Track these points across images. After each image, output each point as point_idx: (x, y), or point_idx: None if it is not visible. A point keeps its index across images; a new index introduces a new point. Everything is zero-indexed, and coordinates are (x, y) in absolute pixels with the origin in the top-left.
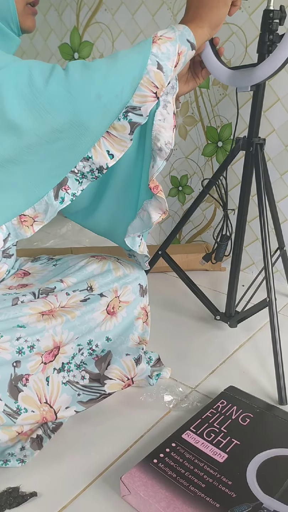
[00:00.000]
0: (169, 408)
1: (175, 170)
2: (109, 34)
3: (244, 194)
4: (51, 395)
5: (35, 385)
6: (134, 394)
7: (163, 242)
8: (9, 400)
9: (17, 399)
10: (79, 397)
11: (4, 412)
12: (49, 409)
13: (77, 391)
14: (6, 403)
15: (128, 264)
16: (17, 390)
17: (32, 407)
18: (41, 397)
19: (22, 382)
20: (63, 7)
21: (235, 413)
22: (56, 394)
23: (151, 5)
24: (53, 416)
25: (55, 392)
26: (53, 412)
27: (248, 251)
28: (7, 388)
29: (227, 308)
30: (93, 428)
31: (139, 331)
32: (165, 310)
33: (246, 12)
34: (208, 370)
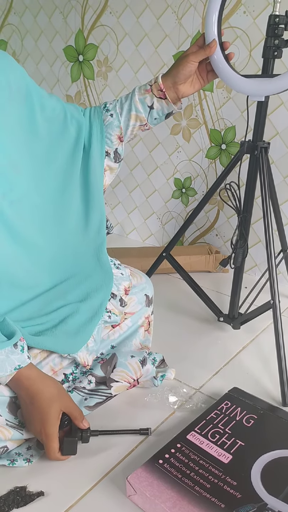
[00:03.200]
0: (173, 409)
1: (178, 172)
2: (114, 37)
3: (248, 197)
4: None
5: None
6: (139, 394)
7: (167, 244)
8: (9, 416)
9: (16, 415)
10: (85, 401)
11: (7, 425)
12: None
13: (84, 396)
14: (7, 419)
15: (136, 274)
16: (16, 406)
17: None
18: None
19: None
20: (68, 10)
21: (239, 414)
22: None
23: (156, 8)
24: None
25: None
26: None
27: (251, 253)
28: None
29: (231, 310)
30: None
31: (141, 338)
32: (169, 311)
33: (251, 16)
34: (211, 372)
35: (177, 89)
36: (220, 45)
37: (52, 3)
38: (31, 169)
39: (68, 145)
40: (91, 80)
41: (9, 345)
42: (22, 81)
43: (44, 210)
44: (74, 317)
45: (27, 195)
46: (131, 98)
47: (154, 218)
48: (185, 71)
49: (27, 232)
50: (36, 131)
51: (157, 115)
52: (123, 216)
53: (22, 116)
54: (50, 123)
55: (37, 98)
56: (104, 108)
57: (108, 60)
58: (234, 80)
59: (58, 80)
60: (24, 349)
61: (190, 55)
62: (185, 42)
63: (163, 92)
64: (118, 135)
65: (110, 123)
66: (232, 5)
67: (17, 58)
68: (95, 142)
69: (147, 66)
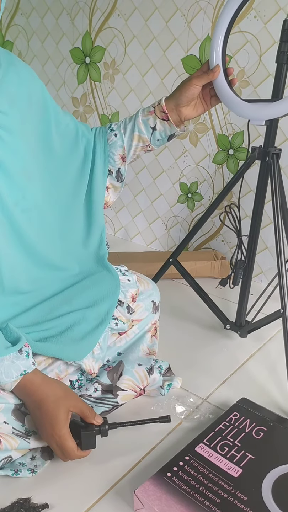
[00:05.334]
0: (180, 419)
1: (185, 177)
2: (122, 40)
3: (259, 203)
4: None
5: None
6: (145, 404)
7: (174, 250)
8: (15, 423)
9: (24, 422)
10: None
11: (14, 433)
12: None
13: (90, 404)
14: (13, 426)
15: (143, 280)
16: (22, 413)
17: None
18: None
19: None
20: (76, 12)
21: (248, 426)
22: None
23: (164, 11)
24: None
25: None
26: None
27: (257, 260)
28: (11, 413)
29: (238, 318)
30: (105, 438)
31: (148, 343)
32: (175, 318)
33: (262, 20)
34: (219, 381)
35: (180, 111)
36: (224, 71)
37: (60, 4)
38: (43, 181)
39: (78, 162)
40: (97, 82)
41: (14, 351)
42: (41, 95)
43: (51, 222)
44: (81, 324)
45: (37, 206)
46: (135, 119)
47: (159, 222)
48: (188, 94)
49: (35, 241)
50: (50, 145)
51: (160, 136)
52: (128, 220)
53: (38, 128)
54: (63, 139)
55: (54, 113)
56: (109, 128)
57: (115, 62)
58: (236, 105)
59: (64, 82)
60: (29, 355)
61: (194, 79)
62: (194, 46)
63: (166, 114)
64: (121, 154)
65: (114, 143)
66: (242, 10)
67: (23, 59)
68: (98, 160)
69: (155, 70)
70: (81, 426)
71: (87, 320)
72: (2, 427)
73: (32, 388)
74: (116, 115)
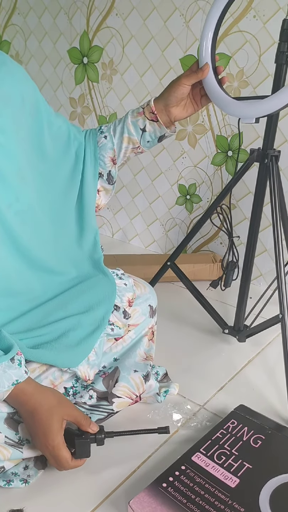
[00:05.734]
0: (177, 426)
1: (183, 179)
2: (120, 39)
3: (257, 205)
4: None
5: None
6: (141, 411)
7: (172, 253)
8: (9, 432)
9: (17, 430)
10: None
11: (6, 443)
12: None
13: (84, 412)
14: (7, 435)
15: (140, 284)
16: (15, 421)
17: None
18: None
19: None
20: (73, 11)
21: (246, 434)
22: None
23: (163, 11)
24: None
25: None
26: None
27: (256, 263)
28: (4, 421)
29: (236, 322)
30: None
31: (145, 347)
32: (172, 322)
33: (261, 20)
34: (216, 387)
35: (169, 112)
36: (214, 70)
37: (57, 3)
38: (36, 183)
39: (69, 165)
40: (95, 83)
41: (5, 360)
42: (34, 95)
43: (44, 225)
44: (76, 330)
45: (31, 208)
46: (124, 121)
47: (158, 224)
48: (177, 93)
49: (29, 244)
50: (43, 147)
51: (150, 137)
52: (126, 222)
53: (31, 129)
54: (55, 142)
55: (46, 115)
56: (99, 130)
57: (113, 63)
58: (226, 103)
59: (61, 82)
60: (22, 363)
61: (183, 78)
62: (192, 46)
63: (155, 115)
64: (111, 157)
65: (103, 145)
66: (241, 9)
67: (20, 59)
68: (88, 163)
69: (153, 70)
70: (76, 434)
71: (82, 325)
72: None
73: (25, 397)
74: (114, 116)
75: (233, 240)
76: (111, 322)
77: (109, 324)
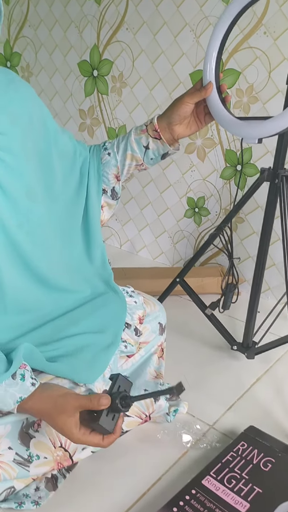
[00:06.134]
0: (186, 447)
1: (191, 192)
2: (130, 53)
3: (267, 223)
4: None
5: (47, 428)
6: (151, 430)
7: (181, 270)
8: (20, 448)
9: (29, 446)
10: None
11: (14, 461)
12: (64, 453)
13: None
14: (17, 452)
15: (149, 301)
16: (29, 436)
17: (45, 453)
18: (55, 441)
19: (33, 428)
20: (84, 25)
21: (256, 457)
22: None
23: (173, 26)
24: (68, 461)
25: None
26: (68, 456)
27: (265, 276)
28: (18, 436)
29: (245, 338)
30: (109, 467)
31: (155, 365)
32: (180, 337)
33: (271, 37)
34: (225, 405)
35: (172, 130)
36: (218, 88)
37: (68, 17)
38: (45, 202)
39: (75, 181)
40: (105, 95)
41: (6, 378)
42: (41, 113)
43: (53, 243)
44: (90, 346)
45: (41, 227)
46: (128, 138)
47: (166, 236)
48: (180, 112)
49: (40, 263)
50: (51, 165)
51: (153, 155)
52: (134, 233)
53: (39, 148)
54: (61, 158)
55: (53, 133)
56: (103, 147)
57: (123, 76)
58: (229, 123)
59: (71, 94)
60: (25, 377)
61: (186, 97)
62: (202, 61)
63: (158, 133)
64: (115, 174)
65: (107, 162)
66: (252, 26)
67: (31, 70)
68: (92, 180)
69: (163, 84)
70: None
71: (96, 342)
72: (4, 454)
73: (32, 411)
74: (123, 128)
75: (234, 261)
76: (123, 340)
77: (122, 341)
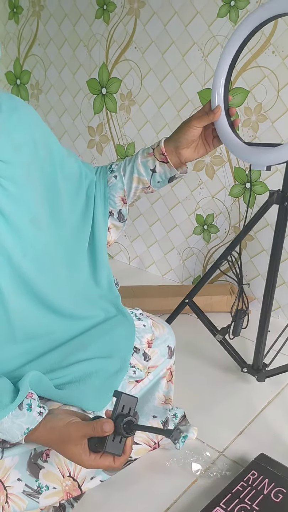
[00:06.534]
0: (196, 476)
1: (200, 209)
2: (138, 72)
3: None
4: (75, 467)
5: (56, 459)
6: (160, 457)
7: (190, 291)
8: (29, 479)
9: (38, 477)
10: None
11: (24, 492)
12: (73, 483)
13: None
14: (27, 483)
15: (158, 324)
16: (38, 467)
17: (54, 483)
18: (64, 470)
19: (42, 458)
20: (93, 43)
21: (266, 487)
22: None
23: (181, 45)
24: (77, 490)
25: None
26: (77, 486)
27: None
28: (27, 467)
29: (255, 360)
30: (117, 496)
31: (164, 389)
32: (189, 357)
33: (280, 56)
34: (235, 431)
35: (180, 153)
36: (226, 112)
37: (77, 36)
38: (51, 227)
39: (81, 205)
40: (113, 113)
41: (12, 409)
42: (46, 138)
43: (59, 268)
44: (98, 373)
45: (47, 253)
46: (134, 161)
47: (175, 253)
48: (188, 136)
49: (47, 290)
50: (57, 189)
51: (160, 178)
52: (143, 249)
53: (45, 174)
54: (67, 182)
55: (59, 157)
56: (109, 169)
57: (131, 94)
58: (237, 148)
59: (80, 112)
60: (32, 407)
61: (194, 120)
62: (211, 80)
63: (165, 156)
64: (121, 196)
65: (114, 185)
66: (260, 45)
67: (40, 88)
68: (98, 202)
69: (171, 102)
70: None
71: (104, 368)
72: (14, 485)
73: (39, 441)
74: (132, 146)
75: (243, 287)
76: (132, 365)
77: (131, 366)
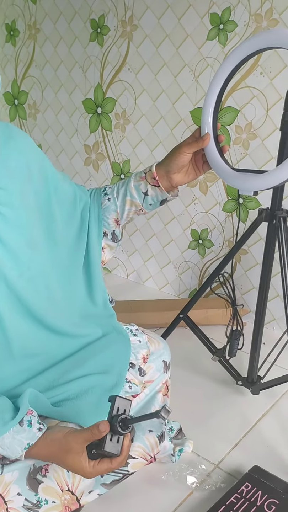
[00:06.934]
0: (191, 488)
1: (195, 224)
2: (132, 92)
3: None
4: (73, 481)
5: (55, 473)
6: (156, 471)
7: (185, 306)
8: (29, 493)
9: (37, 491)
10: (102, 478)
11: (24, 506)
12: (71, 497)
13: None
14: (26, 497)
15: (153, 339)
16: (37, 482)
17: (53, 497)
18: (62, 485)
19: (41, 473)
20: (88, 65)
21: (260, 498)
22: (79, 479)
23: (173, 66)
24: (76, 504)
25: (77, 478)
26: (75, 499)
27: (269, 307)
28: (26, 482)
29: (249, 373)
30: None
31: (160, 403)
32: (185, 370)
33: (268, 76)
34: (230, 443)
35: (171, 178)
36: (215, 138)
37: (72, 58)
38: (47, 249)
39: (76, 226)
40: (109, 131)
41: (13, 425)
42: (41, 164)
43: (55, 288)
44: (95, 388)
45: (43, 273)
46: (127, 184)
47: (171, 267)
48: (178, 161)
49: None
50: (52, 212)
51: (152, 201)
52: (140, 264)
53: (39, 198)
54: (62, 205)
55: (53, 181)
56: (103, 192)
57: (126, 113)
58: (225, 173)
59: (76, 130)
60: (32, 423)
61: (184, 147)
62: (202, 99)
63: (156, 181)
64: (115, 218)
65: (107, 207)
66: (249, 66)
67: (38, 108)
68: (92, 224)
69: (164, 121)
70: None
71: (101, 384)
72: (14, 500)
73: (39, 456)
74: (128, 163)
75: (237, 308)
76: (128, 380)
77: (126, 382)
